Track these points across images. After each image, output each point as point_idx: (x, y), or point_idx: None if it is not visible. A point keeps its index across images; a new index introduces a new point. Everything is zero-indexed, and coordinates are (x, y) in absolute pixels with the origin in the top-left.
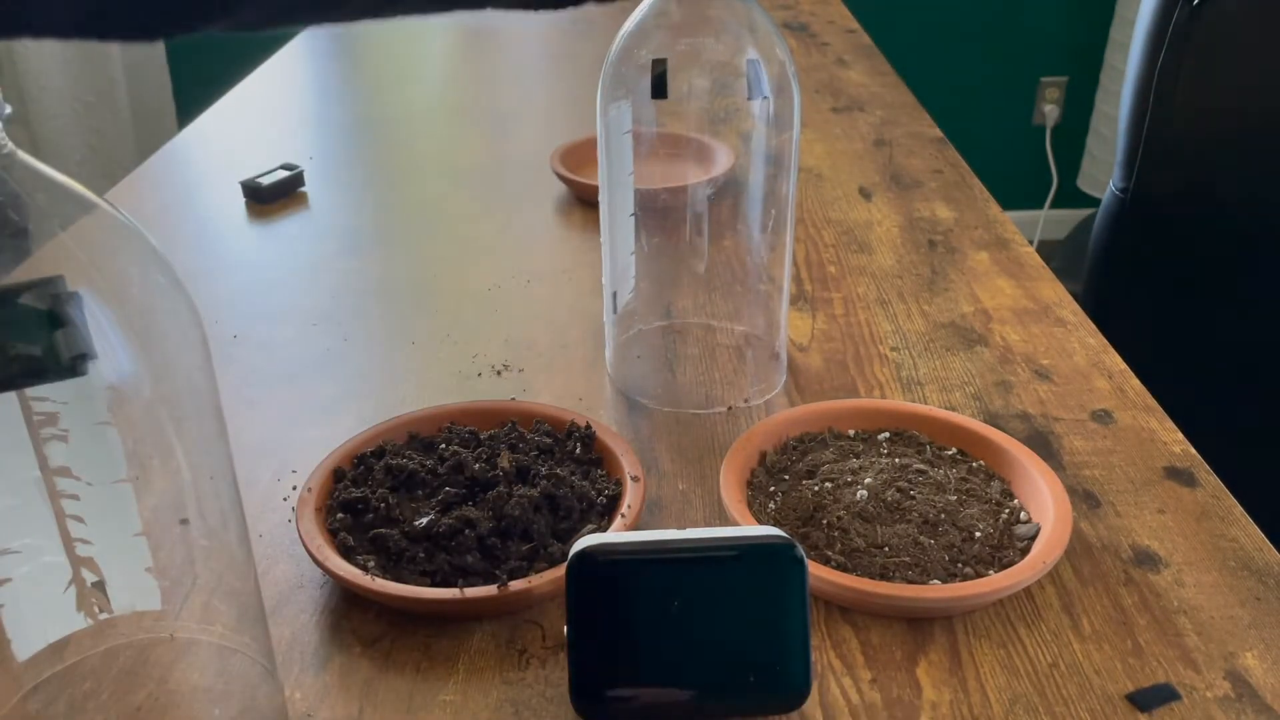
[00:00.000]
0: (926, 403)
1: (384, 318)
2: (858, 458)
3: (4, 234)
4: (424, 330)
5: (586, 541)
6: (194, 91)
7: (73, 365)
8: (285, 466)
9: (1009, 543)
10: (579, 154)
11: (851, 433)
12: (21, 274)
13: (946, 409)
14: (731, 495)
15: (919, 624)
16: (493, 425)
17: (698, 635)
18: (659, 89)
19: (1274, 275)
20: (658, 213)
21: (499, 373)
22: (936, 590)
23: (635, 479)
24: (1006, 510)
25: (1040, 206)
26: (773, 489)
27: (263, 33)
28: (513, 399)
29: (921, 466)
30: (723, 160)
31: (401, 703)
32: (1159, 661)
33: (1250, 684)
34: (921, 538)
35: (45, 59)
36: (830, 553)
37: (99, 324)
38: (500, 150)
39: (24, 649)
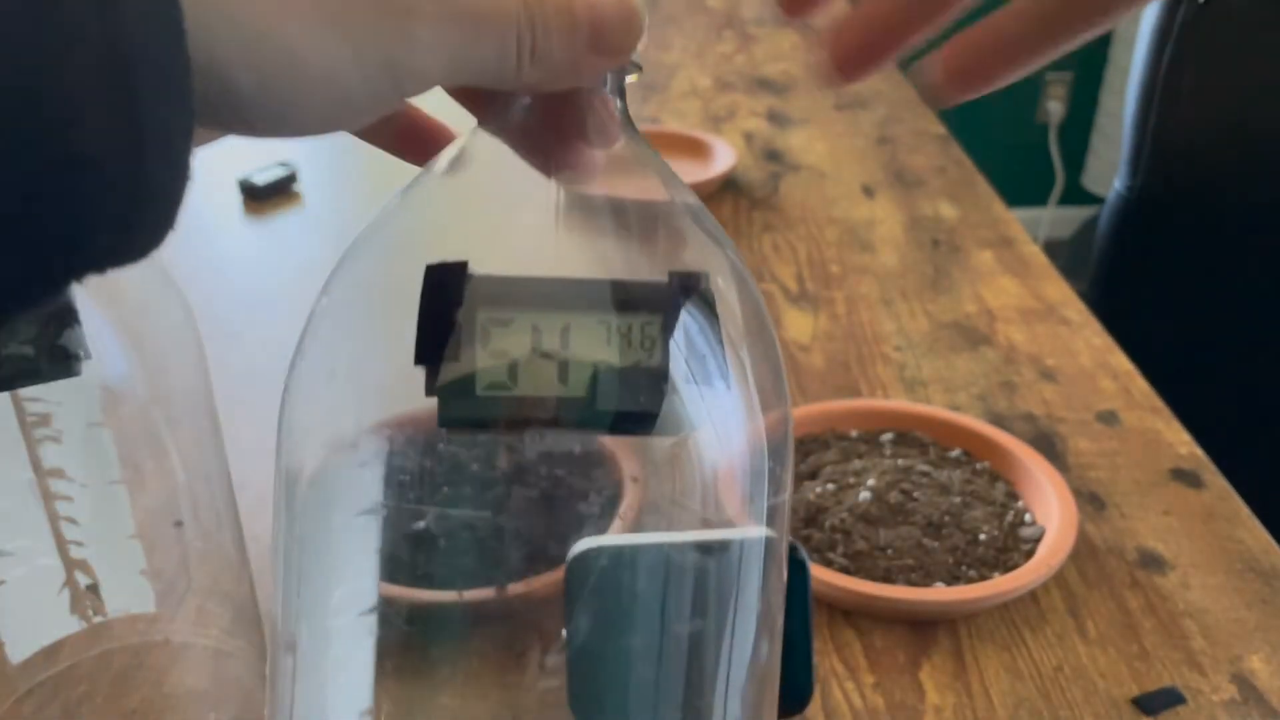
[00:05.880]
0: (930, 403)
1: None
2: (860, 459)
3: None
4: None
5: (586, 543)
6: None
7: (66, 365)
8: None
9: (1013, 545)
10: None
11: (854, 434)
12: None
13: (950, 410)
14: None
15: (922, 627)
16: None
17: None
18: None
19: None
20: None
21: None
22: (940, 593)
23: (635, 480)
24: (1011, 512)
25: (1045, 204)
26: None
27: None
28: None
29: (925, 468)
30: None
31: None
32: (1164, 665)
33: (1256, 687)
34: (925, 540)
35: None
36: (833, 555)
37: (92, 323)
38: None
39: (17, 652)
